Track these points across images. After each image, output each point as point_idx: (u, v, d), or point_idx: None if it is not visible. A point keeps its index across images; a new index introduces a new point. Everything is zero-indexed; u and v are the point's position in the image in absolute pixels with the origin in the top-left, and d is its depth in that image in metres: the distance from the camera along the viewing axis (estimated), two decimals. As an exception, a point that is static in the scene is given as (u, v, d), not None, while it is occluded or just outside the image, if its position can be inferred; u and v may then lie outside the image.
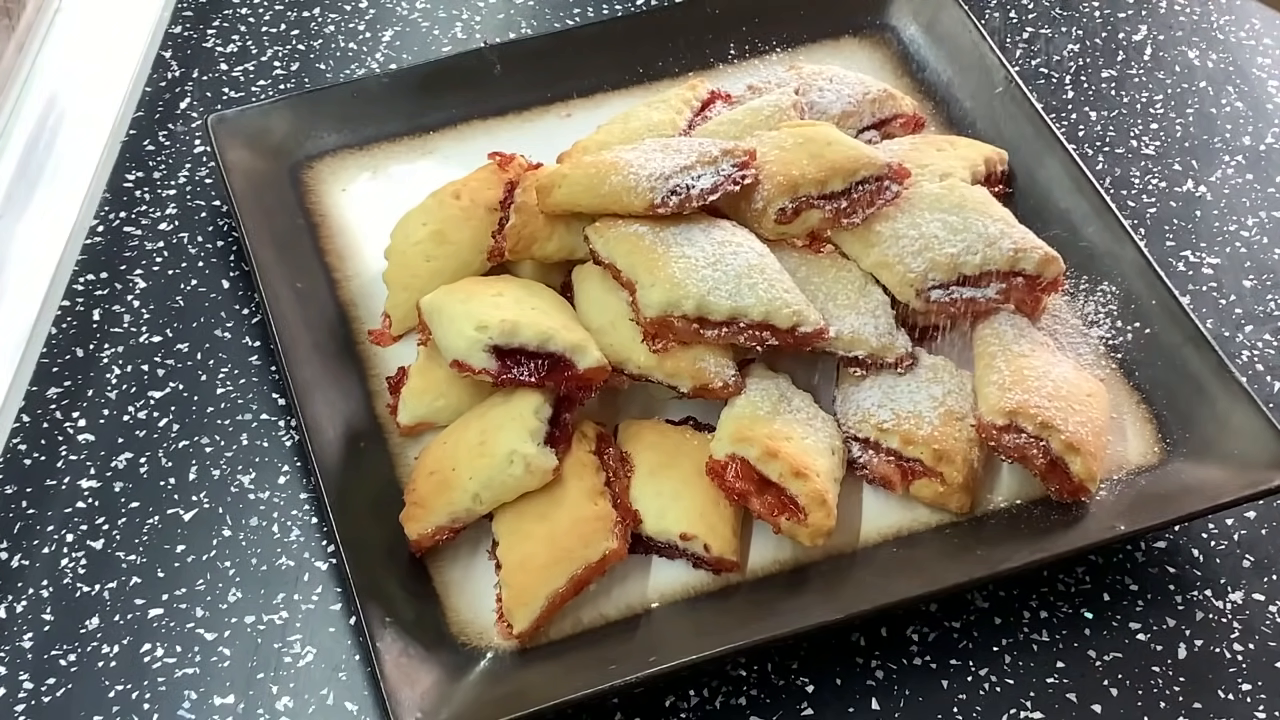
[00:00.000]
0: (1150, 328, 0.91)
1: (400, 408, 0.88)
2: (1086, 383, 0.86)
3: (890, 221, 0.89)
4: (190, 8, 1.16)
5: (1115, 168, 1.06)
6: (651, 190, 0.85)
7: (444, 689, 0.75)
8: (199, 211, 1.02)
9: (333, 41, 1.14)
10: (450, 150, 1.03)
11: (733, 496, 0.81)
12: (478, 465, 0.81)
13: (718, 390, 0.85)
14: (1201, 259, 1.00)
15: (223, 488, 0.87)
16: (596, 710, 0.78)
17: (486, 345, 0.82)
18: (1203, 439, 0.86)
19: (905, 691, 0.79)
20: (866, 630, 0.81)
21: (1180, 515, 0.82)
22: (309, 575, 0.83)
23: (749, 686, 0.79)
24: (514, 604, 0.78)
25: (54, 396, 0.91)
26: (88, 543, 0.84)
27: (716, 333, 0.84)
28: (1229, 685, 0.79)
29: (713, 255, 0.85)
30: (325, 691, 0.79)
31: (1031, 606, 0.83)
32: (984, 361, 0.86)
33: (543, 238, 0.90)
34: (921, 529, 0.84)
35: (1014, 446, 0.82)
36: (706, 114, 1.00)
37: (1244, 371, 0.91)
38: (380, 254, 0.94)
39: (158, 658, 0.80)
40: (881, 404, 0.85)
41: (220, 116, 1.01)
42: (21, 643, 0.80)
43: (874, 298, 0.88)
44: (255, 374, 0.93)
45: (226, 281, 0.98)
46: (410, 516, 0.81)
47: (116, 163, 1.05)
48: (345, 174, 1.01)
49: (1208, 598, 0.83)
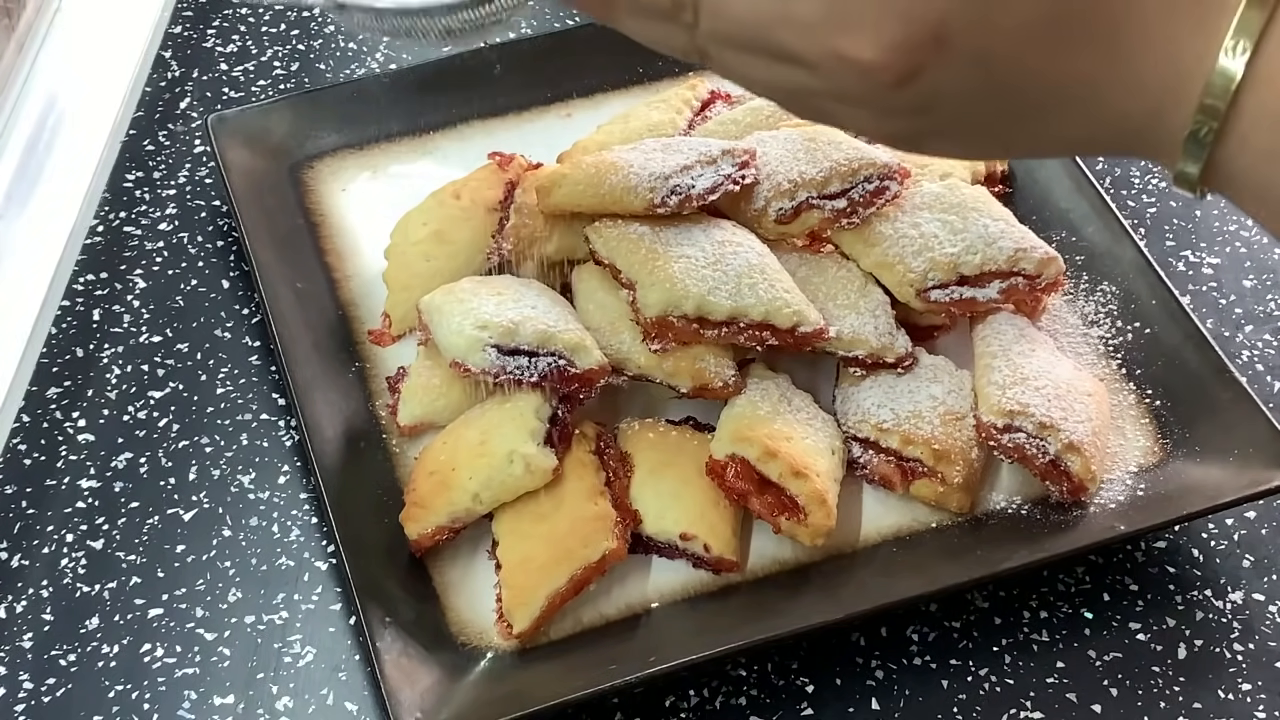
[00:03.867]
0: (1150, 328, 0.91)
1: (400, 408, 0.88)
2: (1086, 383, 0.86)
3: (890, 221, 0.89)
4: (190, 8, 1.16)
5: (1115, 167, 1.06)
6: (651, 190, 0.85)
7: (444, 689, 0.75)
8: (199, 211, 1.02)
9: (333, 41, 1.14)
10: (450, 150, 1.03)
11: (733, 496, 0.81)
12: (478, 465, 0.81)
13: (718, 390, 0.85)
14: (1201, 259, 1.00)
15: (223, 488, 0.87)
16: (596, 710, 0.78)
17: (486, 345, 0.82)
18: (1203, 439, 0.86)
19: (905, 691, 0.79)
20: (866, 630, 0.81)
21: (1180, 515, 0.82)
22: (309, 575, 0.83)
23: (749, 686, 0.79)
24: (514, 604, 0.78)
25: (54, 396, 0.91)
26: (88, 543, 0.84)
27: (716, 333, 0.84)
28: (1229, 685, 0.79)
29: (713, 255, 0.85)
30: (325, 691, 0.79)
31: (1031, 606, 0.83)
32: (984, 361, 0.86)
33: (543, 238, 0.90)
34: (921, 529, 0.84)
35: (1014, 446, 0.82)
36: (706, 114, 1.00)
37: (1244, 371, 0.91)
38: (380, 254, 0.94)
39: (158, 658, 0.80)
40: (881, 404, 0.85)
41: (220, 116, 1.01)
42: (21, 643, 0.80)
43: (874, 298, 0.88)
44: (255, 374, 0.93)
45: (226, 281, 0.98)
46: (410, 516, 0.81)
47: (116, 163, 1.05)
48: (345, 174, 1.01)
49: (1208, 598, 0.83)
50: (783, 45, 0.49)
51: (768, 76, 0.51)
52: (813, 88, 0.50)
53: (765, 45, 0.49)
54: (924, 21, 0.46)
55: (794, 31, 0.48)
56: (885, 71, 0.47)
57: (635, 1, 0.52)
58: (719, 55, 0.52)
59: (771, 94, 0.53)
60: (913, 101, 0.48)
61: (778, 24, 0.48)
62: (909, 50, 0.46)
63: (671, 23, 0.51)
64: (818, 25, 0.47)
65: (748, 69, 0.51)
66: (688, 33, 0.51)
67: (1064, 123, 0.50)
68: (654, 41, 0.54)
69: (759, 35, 0.49)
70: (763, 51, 0.50)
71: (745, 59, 0.51)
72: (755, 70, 0.51)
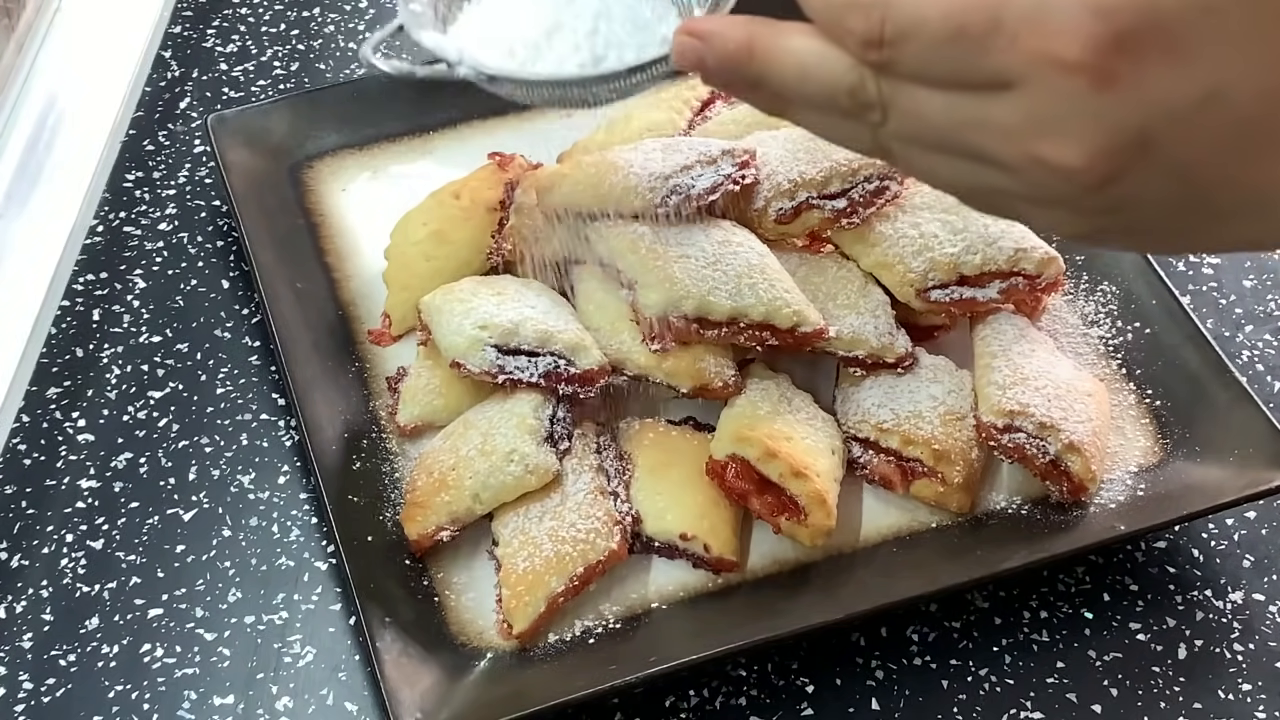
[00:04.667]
0: (1150, 328, 0.91)
1: (400, 408, 0.88)
2: (1086, 383, 0.86)
3: (890, 221, 0.89)
4: (190, 8, 1.16)
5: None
6: (651, 190, 0.85)
7: (444, 689, 0.75)
8: (199, 211, 1.02)
9: (333, 41, 1.14)
10: (450, 150, 1.03)
11: (733, 496, 0.81)
12: (478, 465, 0.81)
13: (718, 390, 0.85)
14: (1201, 259, 1.00)
15: (223, 488, 0.87)
16: (596, 710, 0.78)
17: (486, 345, 0.82)
18: (1203, 439, 0.86)
19: (905, 691, 0.79)
20: (866, 630, 0.81)
21: (1180, 515, 0.82)
22: (309, 575, 0.83)
23: (749, 686, 0.79)
24: (514, 604, 0.78)
25: (54, 396, 0.91)
26: (87, 543, 0.84)
27: (716, 333, 0.84)
28: (1229, 685, 0.79)
29: (713, 255, 0.85)
30: (325, 691, 0.79)
31: (1031, 606, 0.83)
32: (984, 361, 0.86)
33: (543, 238, 0.90)
34: (921, 529, 0.84)
35: (1014, 446, 0.82)
36: (706, 114, 1.00)
37: (1244, 371, 0.91)
38: (380, 254, 0.94)
39: (157, 658, 0.80)
40: (881, 404, 0.85)
41: (220, 116, 1.01)
42: (21, 643, 0.80)
43: (874, 298, 0.88)
44: (255, 374, 0.93)
45: (226, 281, 0.98)
46: (410, 516, 0.81)
47: (116, 163, 1.05)
48: (345, 174, 1.01)
49: (1208, 598, 0.83)
50: (978, 147, 0.48)
51: (956, 175, 0.51)
52: (1005, 188, 0.50)
53: (958, 147, 0.49)
54: (1128, 129, 0.46)
55: (992, 135, 0.48)
56: (1087, 175, 0.47)
57: (811, 99, 0.52)
58: (904, 153, 0.51)
59: (956, 190, 0.52)
60: (1106, 204, 0.48)
61: (975, 127, 0.48)
62: (1112, 156, 0.46)
63: (854, 120, 0.51)
64: (1017, 129, 0.47)
65: (936, 167, 0.51)
66: (872, 131, 0.51)
67: (1252, 225, 0.50)
68: (831, 137, 0.53)
69: (952, 138, 0.49)
70: (955, 152, 0.49)
71: (934, 158, 0.51)
72: (943, 168, 0.51)
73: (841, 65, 0.50)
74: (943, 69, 0.48)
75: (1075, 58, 0.45)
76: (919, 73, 0.48)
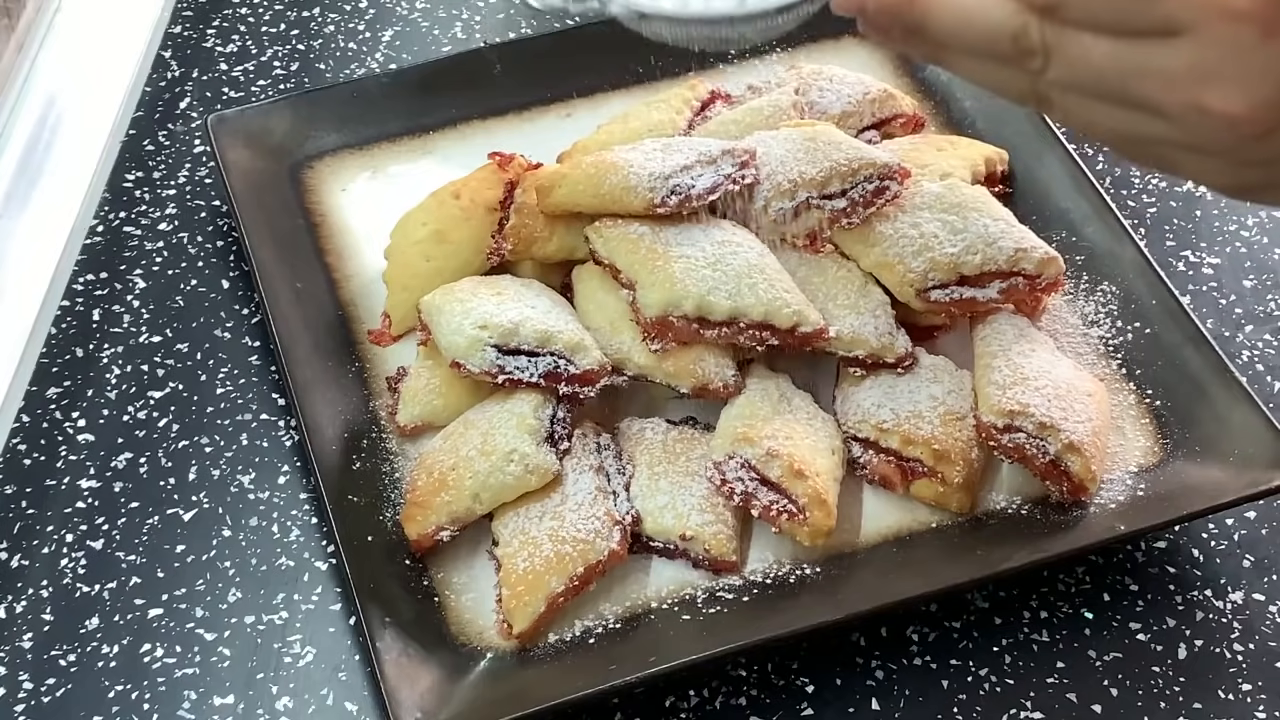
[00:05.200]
0: (1150, 328, 0.91)
1: (400, 408, 0.88)
2: (1086, 383, 0.86)
3: (890, 221, 0.89)
4: (190, 8, 1.16)
5: (1115, 167, 1.06)
6: (651, 190, 0.85)
7: (444, 689, 0.75)
8: (199, 211, 1.02)
9: (333, 41, 1.14)
10: (450, 150, 1.03)
11: (732, 496, 0.81)
12: (478, 465, 0.81)
13: (718, 390, 0.85)
14: (1201, 259, 1.00)
15: (223, 488, 0.87)
16: (596, 710, 0.78)
17: (486, 345, 0.82)
18: (1203, 439, 0.86)
19: (905, 691, 0.79)
20: (866, 630, 0.81)
21: (1180, 515, 0.82)
22: (309, 575, 0.83)
23: (749, 686, 0.79)
24: (514, 604, 0.78)
25: (54, 396, 0.91)
26: (87, 543, 0.84)
27: (716, 333, 0.84)
28: (1229, 685, 0.79)
29: (713, 255, 0.85)
30: (325, 691, 0.79)
31: (1031, 606, 0.83)
32: (984, 361, 0.86)
33: (543, 238, 0.90)
34: (921, 529, 0.84)
35: (1014, 446, 0.82)
36: (706, 114, 1.00)
37: (1244, 371, 0.91)
38: (380, 254, 0.94)
39: (157, 658, 0.80)
40: (881, 404, 0.85)
41: (220, 116, 1.01)
42: (21, 643, 0.80)
43: (874, 298, 0.88)
44: (255, 374, 0.93)
45: (226, 281, 0.98)
46: (410, 516, 0.81)
47: (116, 163, 1.05)
48: (345, 174, 1.01)
49: (1208, 598, 0.83)
50: (1141, 95, 0.48)
51: (1114, 123, 0.51)
52: (1165, 136, 0.50)
53: (1120, 94, 0.49)
54: None
55: (1155, 82, 0.48)
56: (1250, 125, 0.47)
57: (972, 46, 0.51)
58: (1062, 101, 0.51)
59: (1114, 139, 0.52)
60: (1268, 154, 0.48)
61: (1138, 74, 0.48)
62: (1276, 107, 0.46)
63: (1013, 67, 0.51)
64: (1182, 77, 0.47)
65: (1095, 115, 0.51)
66: (1030, 78, 0.51)
67: None
68: (988, 84, 0.53)
69: (1115, 85, 0.49)
70: (1115, 100, 0.49)
71: (1093, 106, 0.51)
72: (1102, 116, 0.51)
73: (1005, 10, 0.50)
74: (1111, 15, 0.47)
75: (1245, 7, 0.45)
76: (1087, 18, 0.48)
